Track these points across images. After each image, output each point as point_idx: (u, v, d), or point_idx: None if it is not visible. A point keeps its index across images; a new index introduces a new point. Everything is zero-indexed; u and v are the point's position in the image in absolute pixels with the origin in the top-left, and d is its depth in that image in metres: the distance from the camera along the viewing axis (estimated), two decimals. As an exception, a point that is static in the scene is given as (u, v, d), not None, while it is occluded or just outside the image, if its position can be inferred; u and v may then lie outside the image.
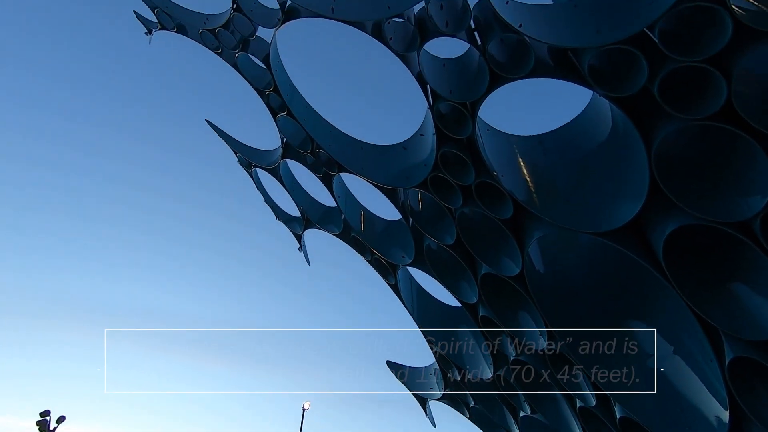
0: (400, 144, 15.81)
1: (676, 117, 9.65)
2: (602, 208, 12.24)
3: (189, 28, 16.44)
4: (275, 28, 13.91)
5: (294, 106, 16.08)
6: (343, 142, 16.47)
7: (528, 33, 10.39)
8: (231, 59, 16.16)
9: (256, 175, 20.63)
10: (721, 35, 8.53)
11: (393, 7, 11.58)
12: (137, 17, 17.63)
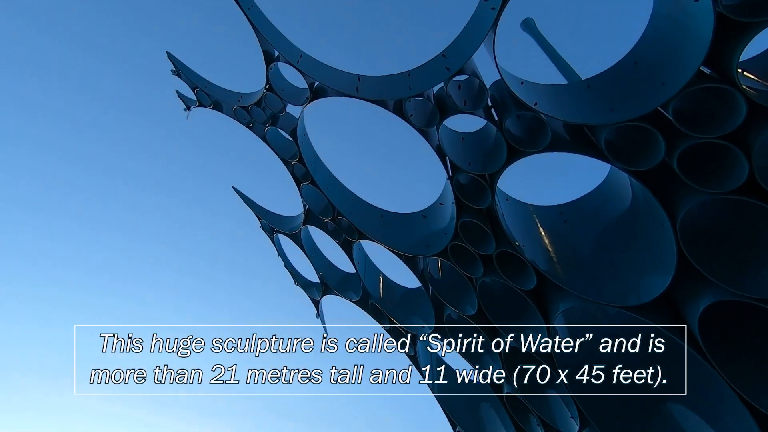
0: (420, 212, 16.06)
1: (698, 190, 9.61)
2: (629, 280, 11.86)
3: (224, 105, 17.77)
4: (303, 106, 14.91)
5: (317, 175, 16.73)
6: (363, 209, 16.84)
7: (543, 111, 10.84)
8: (261, 132, 17.21)
9: (278, 241, 21.00)
10: (736, 113, 8.73)
11: (414, 87, 12.38)
12: (178, 95, 19.25)
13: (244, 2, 13.38)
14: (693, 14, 8.87)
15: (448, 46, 12.24)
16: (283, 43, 14.31)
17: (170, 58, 17.68)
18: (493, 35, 10.33)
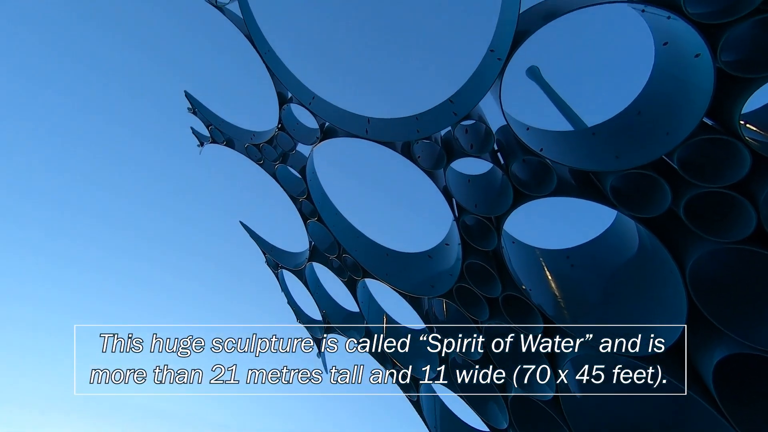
0: (425, 252, 16.01)
1: (707, 239, 9.56)
2: (639, 329, 11.56)
3: (236, 142, 18.27)
4: (313, 145, 15.28)
5: (324, 212, 16.87)
6: (369, 248, 16.84)
7: (549, 156, 11.03)
8: (270, 169, 17.57)
9: (282, 277, 20.90)
10: (741, 164, 8.82)
11: (422, 130, 12.70)
12: (193, 132, 19.85)
13: (261, 47, 14.05)
14: (694, 68, 9.17)
15: (455, 93, 12.67)
16: (297, 86, 14.88)
17: (188, 97, 18.37)
18: (499, 84, 10.69)
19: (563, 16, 9.38)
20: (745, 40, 8.47)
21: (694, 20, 8.27)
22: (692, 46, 8.72)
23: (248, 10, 13.78)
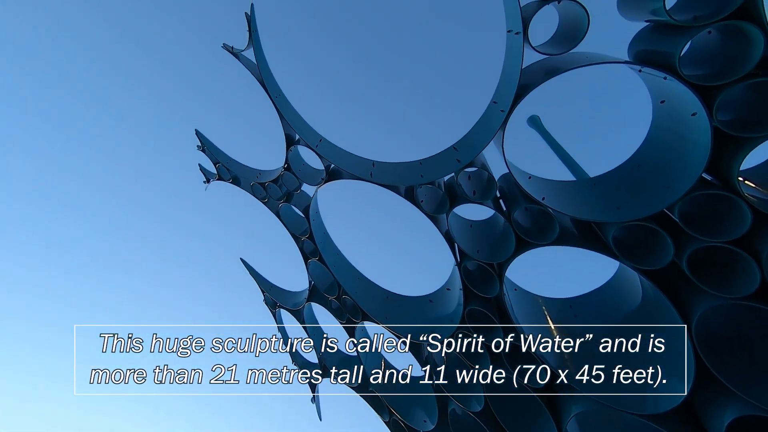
0: (426, 296, 15.82)
1: (712, 294, 9.46)
2: (646, 385, 11.20)
3: (242, 180, 18.55)
4: (318, 186, 15.50)
5: (325, 252, 16.84)
6: (369, 290, 16.65)
7: (551, 205, 11.14)
8: (274, 208, 17.72)
9: (279, 316, 20.53)
10: (742, 221, 8.89)
11: (425, 176, 12.91)
12: (200, 169, 20.21)
13: (273, 91, 14.58)
14: (691, 125, 9.44)
15: (459, 140, 13.00)
16: (305, 128, 15.29)
17: (198, 136, 18.87)
18: (502, 133, 11.00)
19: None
20: (739, 101, 8.78)
21: (689, 81, 8.63)
22: (689, 104, 9.03)
23: (262, 56, 14.43)
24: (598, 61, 9.35)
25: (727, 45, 8.54)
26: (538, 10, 9.49)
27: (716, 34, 8.64)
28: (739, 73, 8.21)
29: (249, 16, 13.39)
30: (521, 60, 9.98)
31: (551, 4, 9.40)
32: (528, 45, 9.77)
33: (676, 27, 8.55)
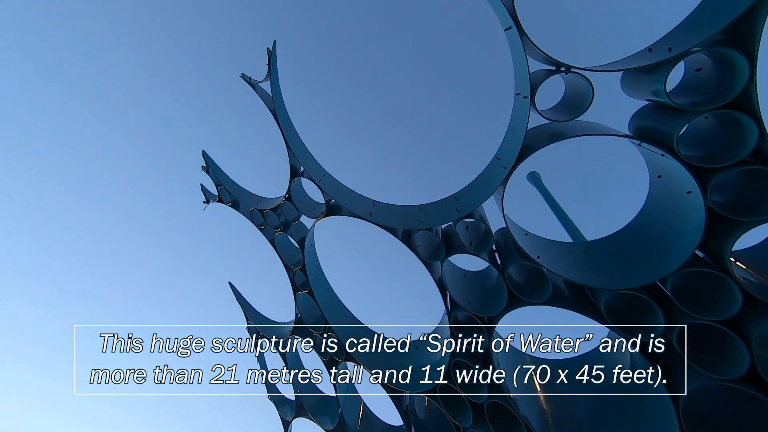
0: (413, 342, 15.54)
1: (701, 373, 9.38)
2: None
3: (242, 205, 18.63)
4: (316, 219, 15.58)
5: (316, 286, 16.67)
6: (356, 329, 16.35)
7: (545, 265, 11.22)
8: (270, 236, 17.70)
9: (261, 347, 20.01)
10: (732, 301, 8.97)
11: (424, 221, 13.05)
12: (201, 188, 20.33)
13: (284, 123, 14.96)
14: (686, 202, 9.71)
15: (460, 191, 13.24)
16: (310, 162, 15.57)
17: (204, 157, 19.12)
18: (502, 189, 11.24)
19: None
20: (733, 185, 9.09)
21: (685, 161, 8.96)
22: (685, 182, 9.33)
23: (278, 89, 14.91)
24: (600, 132, 9.74)
25: (723, 131, 8.95)
26: (546, 78, 9.97)
27: (713, 120, 9.07)
28: (734, 159, 8.56)
29: (270, 51, 13.96)
30: (527, 122, 10.37)
31: (559, 74, 9.89)
32: (534, 109, 10.19)
33: (675, 109, 8.98)
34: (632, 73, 9.63)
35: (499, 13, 10.06)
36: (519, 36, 9.57)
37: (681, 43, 8.66)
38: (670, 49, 8.69)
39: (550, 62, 9.79)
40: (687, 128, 9.15)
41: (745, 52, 7.90)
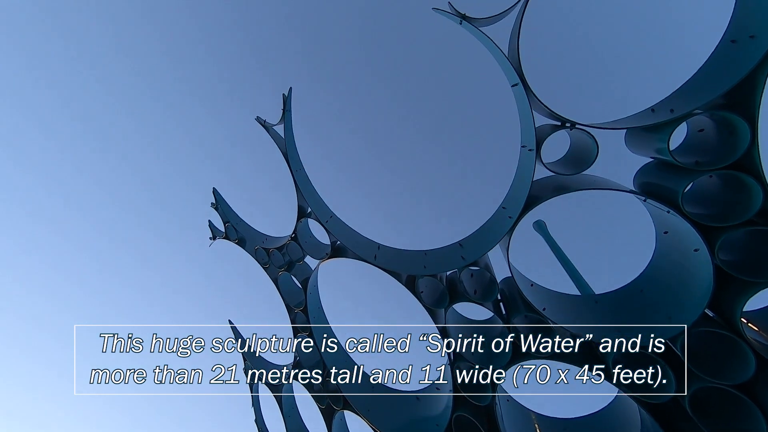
0: (414, 393, 14.99)
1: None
2: None
3: (248, 243, 18.72)
4: (321, 260, 15.57)
5: (317, 329, 16.37)
6: (355, 377, 15.85)
7: (551, 317, 11.01)
8: (274, 275, 17.63)
9: (256, 390, 19.39)
10: (746, 364, 8.67)
11: (429, 267, 12.98)
12: (209, 225, 20.55)
13: (294, 165, 15.33)
14: (694, 260, 9.62)
15: (465, 238, 13.27)
16: (318, 203, 15.79)
17: (214, 194, 19.47)
18: (508, 239, 11.25)
19: (571, 191, 10.33)
20: (742, 244, 9.04)
21: (691, 218, 8.98)
22: (691, 240, 9.30)
23: (290, 132, 15.41)
24: (605, 186, 9.86)
25: (728, 191, 9.03)
26: (552, 133, 10.25)
27: (717, 180, 9.19)
28: (740, 218, 8.57)
29: (285, 97, 14.57)
30: (532, 174, 10.55)
31: (564, 129, 10.18)
32: (540, 161, 10.40)
33: (680, 167, 9.13)
34: (636, 132, 9.88)
35: (506, 70, 10.52)
36: (525, 92, 9.96)
37: (682, 105, 8.95)
38: (672, 110, 8.96)
39: (555, 118, 10.11)
40: (692, 186, 9.24)
41: (745, 117, 8.12)
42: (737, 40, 8.44)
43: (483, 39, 10.17)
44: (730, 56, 8.57)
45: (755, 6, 8.03)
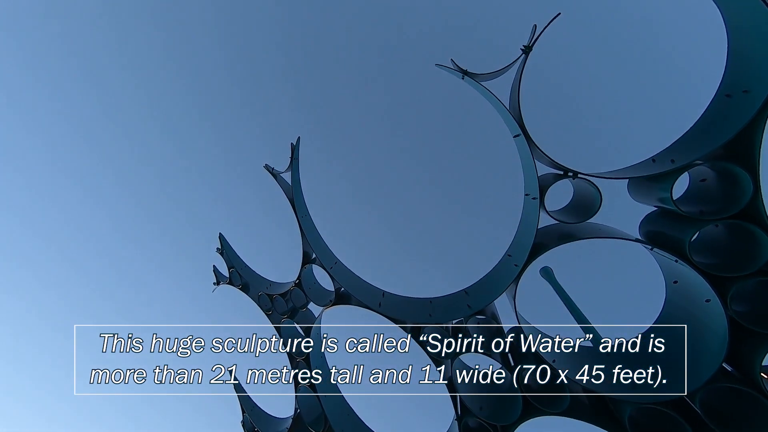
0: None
1: None
2: None
3: (252, 289, 18.57)
4: (325, 307, 15.33)
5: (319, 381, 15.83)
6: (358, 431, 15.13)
7: (560, 369, 10.61)
8: (277, 321, 17.32)
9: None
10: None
11: (434, 316, 12.74)
12: (214, 270, 20.50)
13: (300, 210, 15.51)
14: (706, 311, 9.37)
15: (471, 285, 13.10)
16: (323, 250, 15.80)
17: (220, 239, 19.59)
18: (514, 287, 11.09)
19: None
20: (755, 295, 8.83)
21: (700, 268, 8.85)
22: (702, 290, 9.12)
23: (297, 179, 15.73)
24: (611, 235, 9.84)
25: (734, 240, 8.96)
26: (555, 182, 10.38)
27: (723, 229, 9.14)
28: (750, 269, 8.44)
29: (294, 145, 15.02)
30: (537, 222, 10.58)
31: (566, 179, 10.32)
32: (544, 210, 10.46)
33: (684, 216, 9.12)
34: (638, 181, 9.99)
35: (507, 121, 10.86)
36: (527, 142, 10.21)
37: (683, 155, 9.09)
38: (673, 160, 9.10)
39: (557, 167, 10.28)
40: (698, 235, 9.20)
41: (746, 167, 8.22)
42: (732, 95, 8.71)
43: (484, 93, 10.58)
44: (726, 109, 8.81)
45: (746, 62, 8.35)
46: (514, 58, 9.99)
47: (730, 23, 8.42)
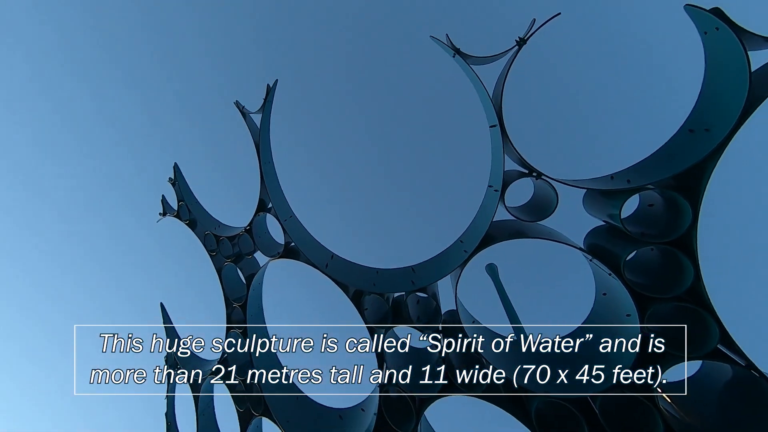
0: (337, 410, 14.63)
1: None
2: None
3: (198, 226, 17.95)
4: (271, 258, 15.13)
5: (252, 329, 15.76)
6: (281, 384, 15.31)
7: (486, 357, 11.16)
8: (219, 264, 16.93)
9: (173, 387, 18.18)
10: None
11: (377, 286, 12.91)
12: (162, 201, 19.57)
13: (264, 156, 14.96)
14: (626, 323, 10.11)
15: (419, 263, 13.34)
16: (280, 200, 15.44)
17: (175, 170, 18.64)
18: (459, 272, 11.41)
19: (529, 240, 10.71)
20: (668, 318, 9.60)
21: (628, 285, 9.48)
22: (626, 305, 9.80)
23: (267, 123, 15.09)
24: (558, 240, 10.28)
25: (665, 265, 9.64)
26: (518, 179, 10.63)
27: (657, 253, 9.79)
28: (670, 293, 9.14)
29: (270, 87, 14.34)
30: (493, 214, 10.85)
31: (530, 177, 10.59)
32: (502, 204, 10.72)
33: (627, 235, 9.68)
34: (594, 194, 10.43)
35: (487, 110, 10.89)
36: (501, 135, 10.32)
37: (639, 178, 9.57)
38: (629, 180, 9.56)
39: (524, 165, 10.50)
40: (634, 255, 9.81)
41: (690, 200, 8.77)
42: (694, 130, 9.18)
43: (471, 76, 10.51)
44: (686, 143, 9.29)
45: (714, 101, 8.79)
46: (509, 47, 9.93)
47: (709, 57, 8.78)
